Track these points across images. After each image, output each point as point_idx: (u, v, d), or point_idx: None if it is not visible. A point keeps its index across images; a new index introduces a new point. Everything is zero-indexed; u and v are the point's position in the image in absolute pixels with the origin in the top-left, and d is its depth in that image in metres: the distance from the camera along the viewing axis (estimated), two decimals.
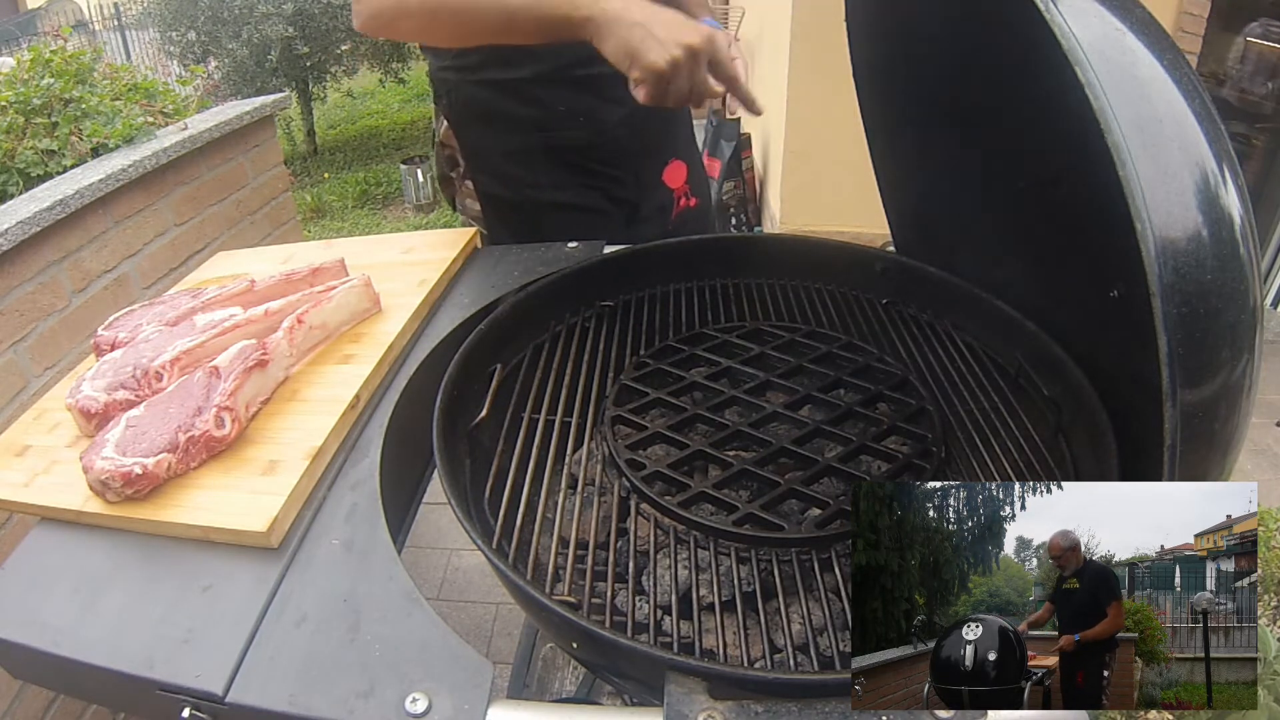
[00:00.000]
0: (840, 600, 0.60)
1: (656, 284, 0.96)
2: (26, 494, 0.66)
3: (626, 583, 0.60)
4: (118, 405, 0.71)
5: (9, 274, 1.35)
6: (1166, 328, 0.43)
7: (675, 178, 1.20)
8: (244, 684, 0.50)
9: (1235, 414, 0.48)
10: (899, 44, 0.86)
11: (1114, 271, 0.63)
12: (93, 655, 0.53)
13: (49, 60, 1.81)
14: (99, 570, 0.60)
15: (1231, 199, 0.46)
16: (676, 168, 1.20)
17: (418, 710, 0.47)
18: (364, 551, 0.58)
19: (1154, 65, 0.47)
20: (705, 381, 0.80)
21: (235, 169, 1.99)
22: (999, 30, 0.67)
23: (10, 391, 1.36)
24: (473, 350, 0.76)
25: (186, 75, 3.48)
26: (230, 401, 0.68)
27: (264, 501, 0.61)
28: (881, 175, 0.97)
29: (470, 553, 1.93)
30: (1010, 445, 0.70)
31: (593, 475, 0.71)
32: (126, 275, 1.63)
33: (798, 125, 2.90)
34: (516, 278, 0.93)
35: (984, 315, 0.83)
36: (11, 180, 1.64)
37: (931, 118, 0.88)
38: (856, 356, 0.83)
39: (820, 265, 0.97)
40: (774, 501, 0.64)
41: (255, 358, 0.71)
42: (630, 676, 0.56)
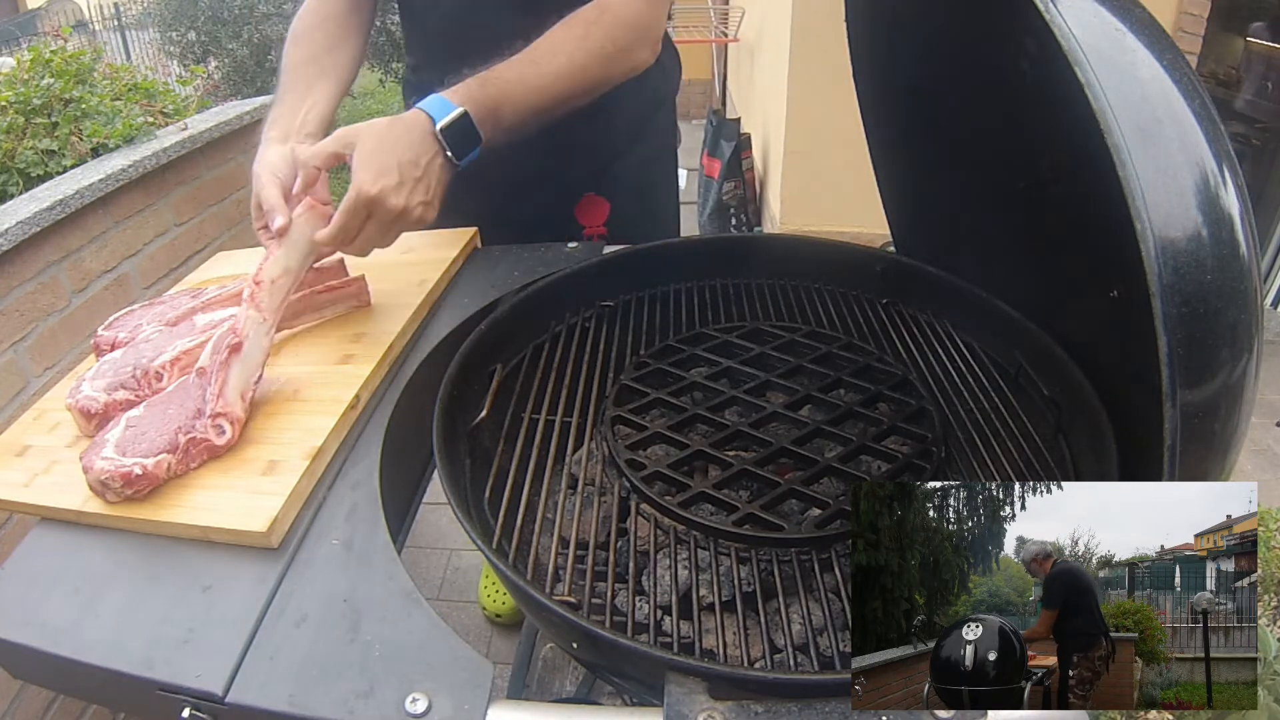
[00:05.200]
0: (840, 600, 0.60)
1: (656, 284, 0.96)
2: (26, 494, 0.66)
3: (626, 583, 0.60)
4: (118, 405, 0.71)
5: (9, 274, 1.35)
6: (1166, 328, 0.43)
7: (590, 215, 1.17)
8: (244, 684, 0.50)
9: (1235, 414, 0.48)
10: (899, 44, 0.86)
11: (1114, 271, 0.63)
12: (93, 655, 0.53)
13: (49, 60, 1.80)
14: (99, 570, 0.59)
15: (1231, 199, 0.46)
16: (594, 203, 1.17)
17: (418, 710, 0.47)
18: (364, 551, 0.58)
19: (1154, 65, 0.47)
20: (705, 381, 0.80)
21: (235, 169, 1.99)
22: (999, 30, 0.67)
23: (10, 391, 1.36)
24: (473, 350, 0.76)
25: (186, 75, 3.49)
26: (222, 406, 0.67)
27: (264, 502, 0.61)
28: (881, 175, 0.97)
29: (470, 553, 1.93)
30: (1010, 445, 0.70)
31: (593, 475, 0.71)
32: (126, 275, 1.63)
33: (798, 125, 2.90)
34: (516, 278, 0.93)
35: (984, 315, 0.83)
36: (11, 180, 1.64)
37: (931, 118, 0.88)
38: (856, 356, 0.83)
39: (820, 265, 0.97)
40: (774, 501, 0.64)
41: (228, 344, 0.69)
42: (630, 677, 0.56)
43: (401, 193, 0.76)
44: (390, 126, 0.78)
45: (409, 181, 0.77)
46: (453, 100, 0.81)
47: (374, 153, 0.76)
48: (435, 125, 0.79)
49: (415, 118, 0.80)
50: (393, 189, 0.75)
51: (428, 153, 0.79)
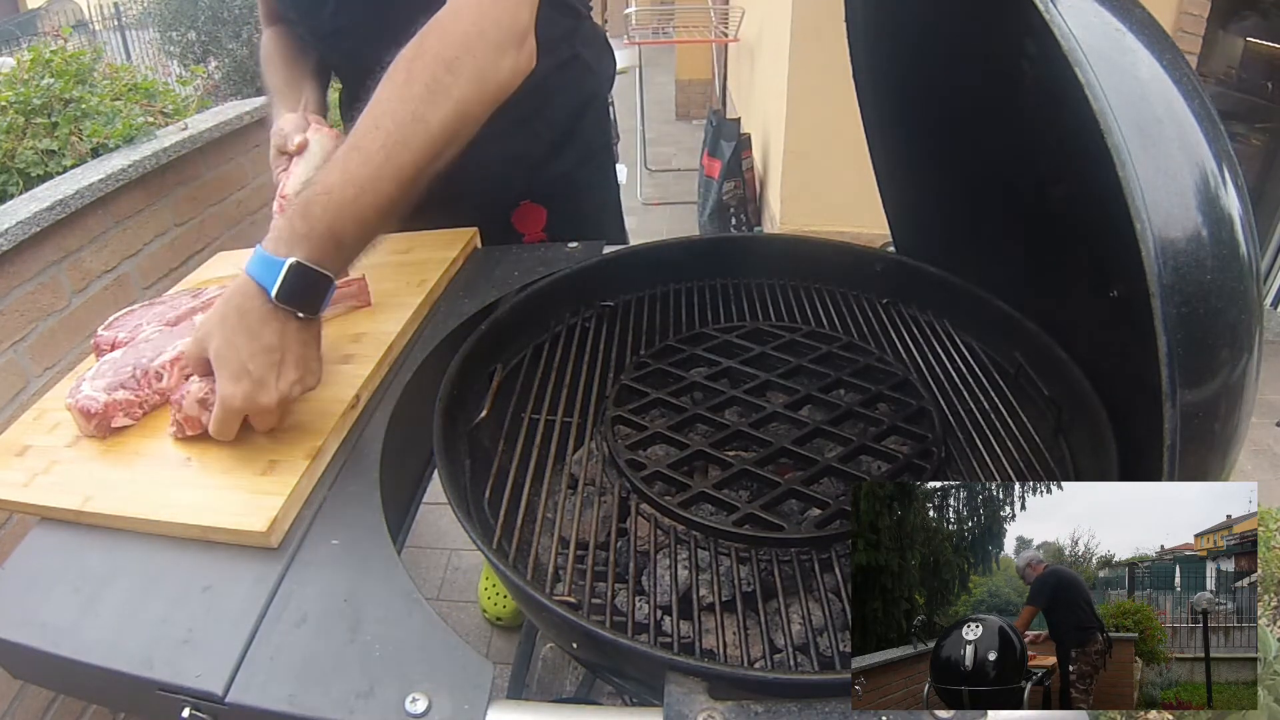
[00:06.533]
0: (840, 600, 0.60)
1: (656, 284, 0.96)
2: (26, 494, 0.66)
3: (626, 583, 0.60)
4: (118, 405, 0.71)
5: (9, 274, 1.35)
6: (1166, 328, 0.43)
7: (528, 223, 1.14)
8: (244, 684, 0.50)
9: (1235, 414, 0.48)
10: (899, 44, 0.86)
11: (1114, 271, 0.63)
12: (93, 655, 0.53)
13: (49, 60, 1.80)
14: (99, 570, 0.59)
15: (1231, 199, 0.46)
16: (530, 210, 1.13)
17: (418, 710, 0.47)
18: (364, 551, 0.58)
19: (1154, 65, 0.47)
20: (705, 381, 0.80)
21: (235, 169, 1.98)
22: (999, 30, 0.67)
23: (10, 391, 1.35)
24: (473, 350, 0.76)
25: (186, 75, 3.48)
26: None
27: (264, 501, 0.61)
28: (881, 175, 0.97)
29: (470, 553, 1.93)
30: (1010, 445, 0.70)
31: (593, 475, 0.71)
32: (126, 275, 1.63)
33: (798, 125, 2.90)
34: (516, 278, 0.93)
35: (984, 315, 0.83)
36: (11, 180, 1.64)
37: (931, 118, 0.88)
38: (856, 356, 0.83)
39: (820, 265, 0.97)
40: (774, 501, 0.64)
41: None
42: (630, 677, 0.56)
43: (267, 388, 0.65)
44: (225, 315, 0.66)
45: (268, 372, 0.65)
46: (278, 250, 0.65)
47: (222, 356, 0.65)
48: (270, 293, 0.65)
49: (245, 293, 0.66)
50: (256, 389, 0.65)
51: (274, 330, 0.66)
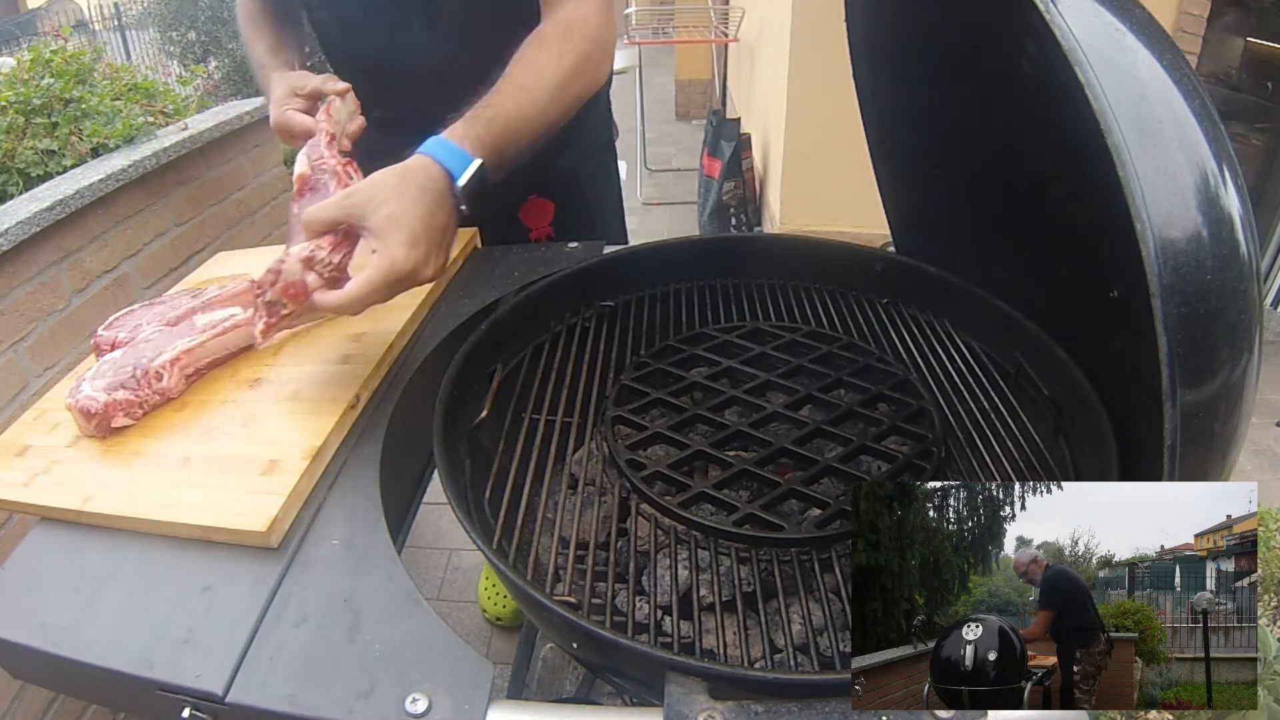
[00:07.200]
0: (840, 600, 0.60)
1: (656, 284, 0.96)
2: (26, 494, 0.66)
3: (626, 583, 0.60)
4: (118, 405, 0.71)
5: (9, 274, 1.35)
6: (1166, 328, 0.43)
7: (535, 217, 1.15)
8: (244, 684, 0.50)
9: (1235, 414, 0.48)
10: (899, 44, 0.86)
11: (1114, 271, 0.63)
12: (93, 655, 0.53)
13: (49, 60, 1.80)
14: (99, 570, 0.59)
15: (1231, 199, 0.46)
16: (538, 205, 1.15)
17: (418, 710, 0.47)
18: (364, 551, 0.58)
19: (1154, 65, 0.47)
20: (705, 381, 0.80)
21: (235, 169, 1.98)
22: (999, 30, 0.67)
23: (10, 391, 1.35)
24: (473, 350, 0.76)
25: (186, 75, 3.48)
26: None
27: (264, 501, 0.61)
28: (881, 175, 0.97)
29: (470, 553, 1.93)
30: (1010, 445, 0.70)
31: (593, 475, 0.71)
32: (126, 275, 1.63)
33: (798, 125, 2.90)
34: (516, 278, 0.93)
35: (984, 315, 0.83)
36: (11, 180, 1.64)
37: (931, 118, 0.88)
38: (856, 357, 0.83)
39: (820, 265, 0.97)
40: (774, 501, 0.64)
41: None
42: (630, 677, 0.56)
43: (431, 262, 0.69)
44: (403, 185, 0.69)
45: (436, 249, 0.70)
46: (465, 148, 0.73)
47: (398, 221, 0.67)
48: (456, 183, 0.72)
49: (429, 174, 0.71)
50: (423, 260, 0.68)
51: (446, 212, 0.71)
